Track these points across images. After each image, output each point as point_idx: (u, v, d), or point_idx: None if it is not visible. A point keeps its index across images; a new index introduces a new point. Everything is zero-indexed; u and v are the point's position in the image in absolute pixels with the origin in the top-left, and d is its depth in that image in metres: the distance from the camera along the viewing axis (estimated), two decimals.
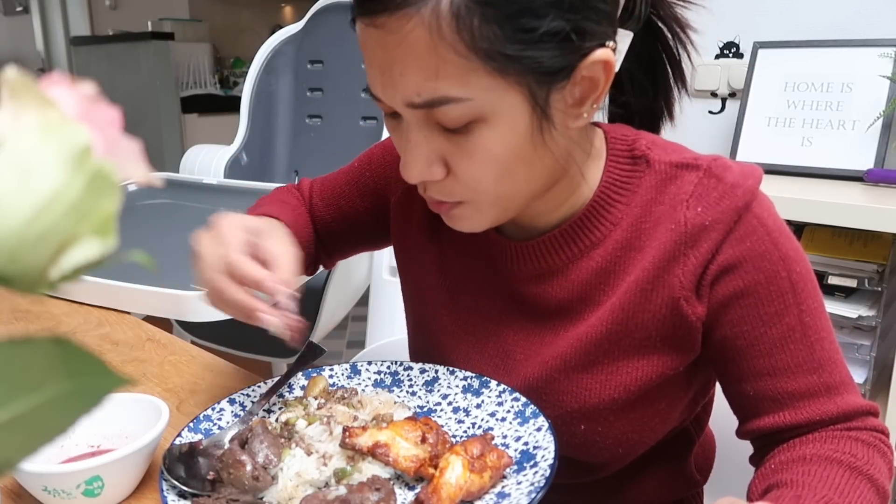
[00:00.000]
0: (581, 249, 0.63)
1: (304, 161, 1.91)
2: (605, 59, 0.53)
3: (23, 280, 0.22)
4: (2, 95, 0.21)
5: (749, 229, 0.57)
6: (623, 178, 0.62)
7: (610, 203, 0.62)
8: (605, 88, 0.55)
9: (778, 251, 0.57)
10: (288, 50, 1.89)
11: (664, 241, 0.59)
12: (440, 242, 0.72)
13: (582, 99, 0.55)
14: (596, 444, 0.65)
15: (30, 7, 4.64)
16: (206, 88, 4.40)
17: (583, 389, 0.63)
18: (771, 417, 0.59)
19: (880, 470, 0.56)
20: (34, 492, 0.54)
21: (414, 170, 0.56)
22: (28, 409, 0.20)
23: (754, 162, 1.59)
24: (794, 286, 0.58)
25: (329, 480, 0.54)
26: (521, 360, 0.67)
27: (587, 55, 0.52)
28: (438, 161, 0.55)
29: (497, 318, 0.69)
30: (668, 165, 0.61)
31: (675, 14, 0.65)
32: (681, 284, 0.59)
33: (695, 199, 0.59)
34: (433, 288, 0.73)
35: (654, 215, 0.60)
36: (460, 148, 0.54)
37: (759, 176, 0.60)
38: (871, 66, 1.39)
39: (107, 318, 0.96)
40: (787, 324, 0.58)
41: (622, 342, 0.62)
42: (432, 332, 0.74)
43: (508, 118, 0.52)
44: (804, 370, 0.58)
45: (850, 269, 1.21)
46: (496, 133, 0.53)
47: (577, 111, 0.56)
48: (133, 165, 0.22)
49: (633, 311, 0.61)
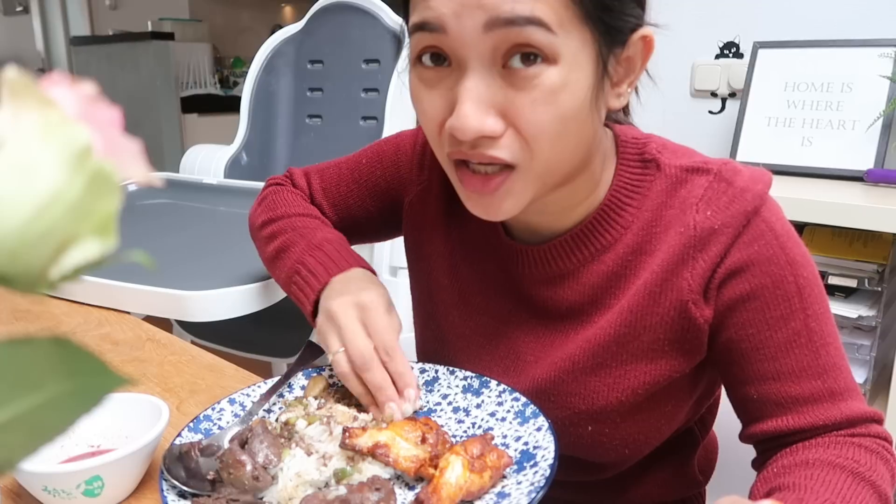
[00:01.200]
0: (592, 253, 0.63)
1: (304, 161, 1.90)
2: (648, 35, 0.56)
3: (23, 280, 0.22)
4: (2, 95, 0.21)
5: (757, 233, 0.58)
6: (634, 182, 0.62)
7: (621, 206, 0.62)
8: (641, 72, 0.58)
9: (785, 255, 0.58)
10: (288, 50, 1.89)
11: (673, 245, 0.59)
12: (452, 245, 0.72)
13: (622, 78, 0.57)
14: (602, 445, 0.66)
15: (30, 7, 4.64)
16: (206, 88, 4.41)
17: (591, 391, 0.64)
18: (774, 421, 0.59)
19: (883, 476, 0.56)
20: (34, 492, 0.54)
21: (474, 121, 0.51)
22: (28, 409, 0.20)
23: (754, 162, 1.59)
24: (801, 291, 0.58)
25: (329, 481, 0.54)
26: (530, 361, 0.67)
27: (639, 27, 0.55)
28: (498, 112, 0.52)
29: (507, 320, 0.69)
30: (679, 169, 0.61)
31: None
32: (689, 287, 0.59)
33: (704, 202, 0.59)
34: (444, 289, 0.73)
35: (664, 219, 0.61)
36: (524, 91, 0.51)
37: (768, 180, 0.60)
38: (871, 66, 1.39)
39: (107, 318, 0.96)
40: (793, 328, 0.58)
41: (631, 345, 0.62)
42: (442, 332, 0.74)
43: (578, 68, 0.52)
44: (809, 375, 0.58)
45: (850, 269, 1.21)
46: (564, 79, 0.52)
47: (618, 90, 0.57)
48: (133, 165, 0.22)
49: (641, 314, 0.61)
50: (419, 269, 0.77)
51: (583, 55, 0.52)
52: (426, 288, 0.76)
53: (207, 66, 4.44)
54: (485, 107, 0.52)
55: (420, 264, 0.77)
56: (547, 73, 0.51)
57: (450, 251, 0.73)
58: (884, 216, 1.08)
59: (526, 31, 0.49)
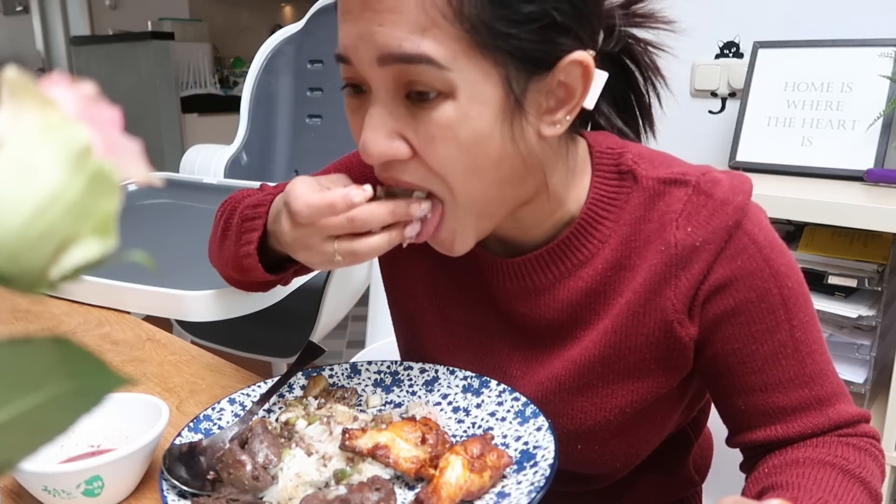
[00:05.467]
0: (568, 268, 0.62)
1: (304, 161, 1.91)
2: (584, 60, 0.52)
3: (23, 280, 0.22)
4: (2, 95, 0.21)
5: (740, 247, 0.56)
6: (610, 195, 0.61)
7: (597, 221, 0.60)
8: (581, 100, 0.54)
9: (769, 268, 0.57)
10: (288, 50, 1.89)
11: (655, 263, 0.58)
12: (428, 260, 0.70)
13: (558, 106, 0.54)
14: (593, 461, 0.65)
15: (30, 7, 4.64)
16: (206, 88, 4.41)
17: (578, 411, 0.63)
18: (763, 431, 0.59)
19: (872, 473, 0.56)
20: (34, 492, 0.54)
21: (375, 145, 0.52)
22: (28, 409, 0.20)
23: (754, 162, 1.58)
24: (786, 302, 0.57)
25: (329, 481, 0.54)
26: (517, 375, 0.66)
27: (568, 52, 0.52)
28: (401, 138, 0.52)
29: (490, 333, 0.68)
30: (656, 181, 0.59)
31: (649, 60, 0.65)
32: (673, 307, 0.58)
33: (684, 218, 0.57)
34: (424, 305, 0.72)
35: (643, 234, 0.59)
36: (424, 124, 0.51)
37: (748, 189, 0.58)
38: (871, 66, 1.39)
39: (107, 318, 0.96)
40: (779, 340, 0.57)
41: (616, 365, 0.61)
42: (426, 348, 0.73)
43: (478, 100, 0.51)
44: (796, 384, 0.58)
45: (850, 269, 1.21)
46: (462, 113, 0.51)
47: (551, 118, 0.55)
48: (133, 165, 0.22)
49: (626, 335, 0.60)
50: (396, 285, 0.75)
51: (484, 86, 0.50)
52: (405, 305, 0.75)
53: (207, 66, 4.44)
54: (385, 132, 0.52)
55: (397, 280, 0.75)
56: (443, 107, 0.50)
57: (427, 266, 0.71)
58: (884, 216, 1.08)
59: (417, 68, 0.49)
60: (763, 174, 1.44)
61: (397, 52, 0.49)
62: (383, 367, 0.70)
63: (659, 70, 0.65)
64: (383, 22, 0.49)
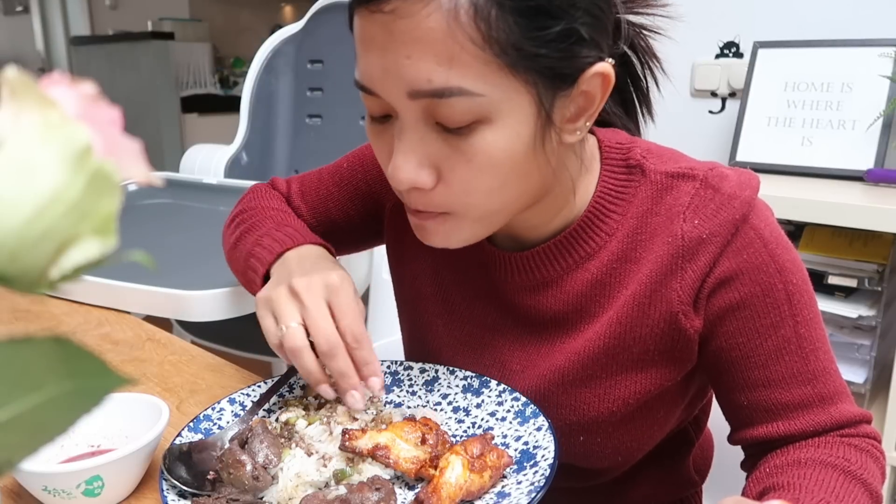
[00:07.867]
0: (576, 261, 0.62)
1: (304, 161, 1.91)
2: (605, 72, 0.53)
3: (23, 280, 0.22)
4: (2, 95, 0.21)
5: (746, 241, 0.57)
6: (618, 189, 0.61)
7: (605, 214, 0.61)
8: (601, 105, 0.55)
9: (775, 263, 0.57)
10: (288, 50, 1.89)
11: (661, 255, 0.58)
12: (434, 251, 0.70)
13: (578, 114, 0.55)
14: (595, 454, 0.65)
15: (30, 7, 4.64)
16: (206, 88, 4.41)
17: (581, 403, 0.63)
18: (764, 427, 0.59)
19: (873, 474, 0.56)
20: (34, 492, 0.54)
21: (405, 173, 0.52)
22: (28, 409, 0.20)
23: (754, 162, 1.58)
24: (790, 298, 0.57)
25: (329, 481, 0.54)
26: (517, 370, 0.66)
27: (592, 65, 0.52)
28: (431, 166, 0.52)
29: (492, 328, 0.68)
30: (664, 175, 0.60)
31: (645, 44, 0.65)
32: (679, 299, 0.58)
33: (691, 211, 0.58)
34: (427, 297, 0.72)
35: (650, 226, 0.59)
36: (458, 151, 0.51)
37: (756, 185, 0.59)
38: (871, 66, 1.39)
39: (107, 318, 0.96)
40: (783, 335, 0.57)
41: (620, 357, 0.61)
42: (428, 342, 0.73)
43: (514, 121, 0.51)
44: (798, 381, 0.58)
45: (850, 269, 1.21)
46: (500, 136, 0.50)
47: (573, 126, 0.55)
48: (133, 165, 0.22)
49: (631, 326, 0.60)
50: (402, 277, 0.76)
51: (518, 106, 0.50)
52: (410, 296, 0.75)
53: (207, 66, 4.45)
54: (417, 160, 0.52)
55: (403, 272, 0.76)
56: (480, 132, 0.50)
57: (432, 258, 0.72)
58: (884, 216, 1.08)
59: (448, 101, 0.48)
60: (763, 174, 1.44)
61: (427, 87, 0.48)
62: (383, 367, 0.70)
63: (655, 54, 0.66)
64: (410, 53, 0.48)
